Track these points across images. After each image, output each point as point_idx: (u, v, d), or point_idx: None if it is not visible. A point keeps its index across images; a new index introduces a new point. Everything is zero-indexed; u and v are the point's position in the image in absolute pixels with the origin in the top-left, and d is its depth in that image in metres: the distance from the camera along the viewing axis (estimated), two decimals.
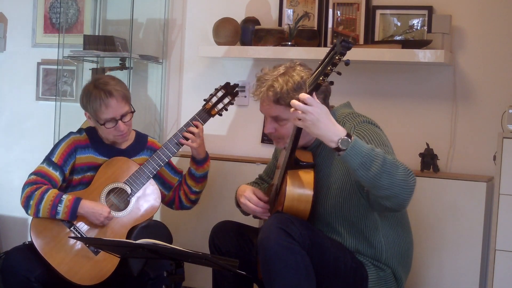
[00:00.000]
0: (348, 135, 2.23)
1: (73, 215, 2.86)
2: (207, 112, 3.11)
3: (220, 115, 3.16)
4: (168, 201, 3.20)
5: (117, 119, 2.94)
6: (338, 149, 2.23)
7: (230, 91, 3.15)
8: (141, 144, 3.13)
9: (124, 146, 3.09)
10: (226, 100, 3.14)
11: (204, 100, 3.14)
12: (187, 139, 3.04)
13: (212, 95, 3.13)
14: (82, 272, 2.83)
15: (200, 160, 3.11)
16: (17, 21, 4.33)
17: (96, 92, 2.92)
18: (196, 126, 3.06)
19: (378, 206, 2.39)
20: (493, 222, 2.94)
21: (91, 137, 3.06)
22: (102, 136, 3.05)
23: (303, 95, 2.25)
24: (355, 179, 2.39)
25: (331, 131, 2.24)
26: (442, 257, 3.14)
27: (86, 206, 2.87)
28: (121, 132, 2.97)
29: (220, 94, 3.13)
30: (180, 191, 3.17)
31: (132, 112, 3.01)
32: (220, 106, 3.13)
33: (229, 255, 2.69)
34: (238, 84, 3.19)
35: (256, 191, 2.74)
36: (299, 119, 2.25)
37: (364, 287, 2.52)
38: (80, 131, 3.09)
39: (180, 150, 3.09)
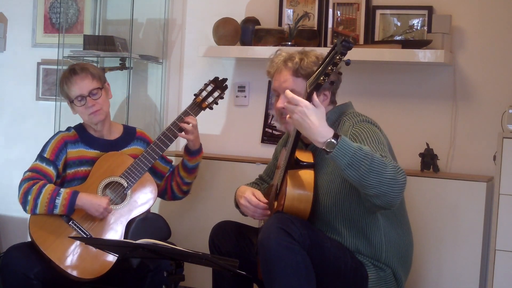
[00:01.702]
0: (336, 136, 2.24)
1: (71, 208, 2.87)
2: (198, 105, 3.16)
3: (211, 108, 3.20)
4: (161, 192, 3.23)
5: (85, 96, 2.99)
6: (325, 150, 2.24)
7: (219, 85, 3.21)
8: (130, 135, 3.18)
9: (113, 137, 3.12)
10: (216, 94, 3.19)
11: (194, 94, 3.18)
12: (184, 130, 3.08)
13: (202, 90, 3.19)
14: (83, 266, 2.84)
15: (195, 151, 3.15)
16: (17, 21, 4.32)
17: (64, 73, 3.07)
18: (189, 120, 3.09)
19: (368, 203, 2.39)
20: (493, 222, 2.94)
21: (79, 133, 3.09)
22: (88, 127, 3.09)
23: (288, 93, 2.28)
24: (344, 178, 2.39)
25: (317, 133, 2.25)
26: (442, 257, 3.14)
27: (84, 198, 2.88)
28: (92, 108, 2.99)
29: (209, 88, 3.19)
30: (172, 182, 3.20)
31: (101, 89, 3.03)
32: (210, 99, 3.18)
33: (229, 255, 2.69)
34: (227, 79, 3.24)
35: (256, 192, 2.74)
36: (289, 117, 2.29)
37: (364, 287, 2.52)
38: (68, 128, 3.13)
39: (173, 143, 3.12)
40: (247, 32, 3.64)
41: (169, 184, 3.21)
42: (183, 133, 3.08)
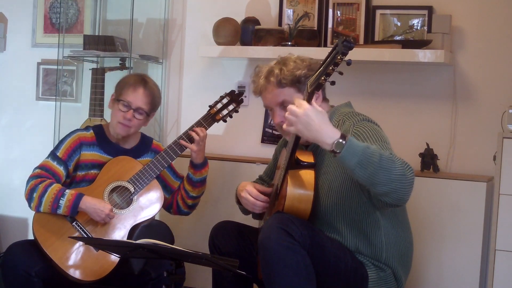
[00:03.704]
0: (343, 136, 2.23)
1: (74, 210, 2.87)
2: (211, 117, 3.17)
3: (225, 121, 3.23)
4: (167, 205, 3.22)
5: (131, 108, 2.99)
6: (333, 151, 2.23)
7: (235, 98, 3.22)
8: (145, 146, 3.16)
9: (129, 146, 3.12)
10: (231, 107, 3.20)
11: (209, 106, 3.19)
12: (191, 139, 3.07)
13: (217, 102, 3.19)
14: (83, 268, 2.84)
15: (198, 164, 3.12)
16: (17, 21, 4.32)
17: (136, 76, 3.11)
18: (199, 131, 3.09)
19: (379, 202, 2.39)
20: (493, 222, 2.94)
21: (97, 136, 3.09)
22: (107, 130, 3.10)
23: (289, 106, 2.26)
24: (353, 178, 2.39)
25: (324, 134, 2.23)
26: (442, 257, 3.14)
27: (88, 202, 2.88)
28: (125, 121, 3.00)
29: (225, 101, 3.20)
30: (177, 196, 3.20)
31: (147, 114, 3.04)
32: (225, 112, 3.19)
33: (229, 255, 2.69)
34: (243, 93, 3.27)
35: (257, 185, 2.76)
36: (291, 125, 2.26)
37: (364, 287, 2.52)
38: (87, 128, 3.12)
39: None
40: (247, 32, 3.65)
41: (175, 198, 3.20)
42: (191, 143, 3.07)
